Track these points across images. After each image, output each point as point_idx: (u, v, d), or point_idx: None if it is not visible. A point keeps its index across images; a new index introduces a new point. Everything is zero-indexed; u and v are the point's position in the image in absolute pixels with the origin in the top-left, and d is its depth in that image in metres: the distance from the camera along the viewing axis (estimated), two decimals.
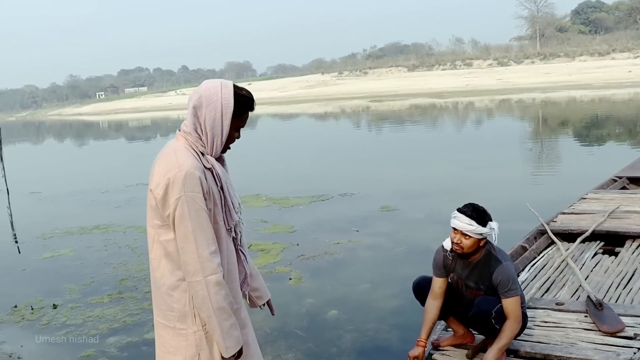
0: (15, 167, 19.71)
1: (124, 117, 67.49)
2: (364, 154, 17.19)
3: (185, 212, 2.19)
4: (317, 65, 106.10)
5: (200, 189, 2.22)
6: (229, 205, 2.39)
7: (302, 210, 9.67)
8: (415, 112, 34.71)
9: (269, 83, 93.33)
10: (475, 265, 3.54)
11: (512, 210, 8.09)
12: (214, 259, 2.23)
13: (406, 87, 59.51)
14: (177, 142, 2.35)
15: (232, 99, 2.29)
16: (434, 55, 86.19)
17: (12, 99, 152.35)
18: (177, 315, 2.33)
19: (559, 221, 6.38)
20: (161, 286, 2.34)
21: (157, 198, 2.24)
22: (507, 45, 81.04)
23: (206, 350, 2.32)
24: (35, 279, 7.23)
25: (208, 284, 2.21)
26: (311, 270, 6.51)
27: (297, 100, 62.88)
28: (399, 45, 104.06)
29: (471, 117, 29.28)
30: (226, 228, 2.38)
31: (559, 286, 4.89)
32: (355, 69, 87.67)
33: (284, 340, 4.76)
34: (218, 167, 2.36)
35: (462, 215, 3.39)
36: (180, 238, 2.22)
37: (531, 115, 27.48)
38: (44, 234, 9.26)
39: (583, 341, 3.80)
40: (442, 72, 72.26)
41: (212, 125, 2.30)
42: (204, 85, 2.33)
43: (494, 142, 17.40)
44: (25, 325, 5.68)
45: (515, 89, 46.10)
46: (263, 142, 24.56)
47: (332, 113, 40.70)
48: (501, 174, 11.65)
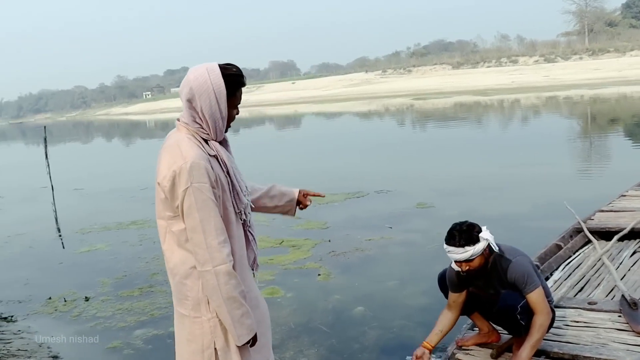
0: (63, 165, 20.31)
1: (170, 116, 68.59)
2: (404, 151, 17.00)
3: (192, 203, 2.19)
4: (361, 64, 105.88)
5: (207, 179, 2.21)
6: (237, 189, 2.38)
7: (337, 207, 9.60)
8: (459, 110, 34.22)
9: (312, 82, 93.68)
10: (488, 273, 3.42)
11: (551, 209, 7.89)
12: (223, 248, 2.22)
13: (450, 85, 58.79)
14: (179, 133, 2.33)
15: (222, 82, 2.25)
16: (479, 52, 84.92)
17: (63, 99, 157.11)
18: (191, 303, 2.33)
19: (596, 219, 6.15)
20: (175, 275, 2.35)
21: (165, 190, 2.24)
22: (554, 41, 79.15)
23: (221, 337, 2.32)
24: (71, 272, 7.38)
25: (217, 274, 2.21)
26: (341, 267, 6.45)
27: (340, 99, 62.87)
28: (443, 42, 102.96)
29: (516, 114, 28.66)
30: (235, 212, 2.37)
31: (593, 285, 4.70)
32: (399, 67, 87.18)
33: (308, 336, 4.71)
34: (223, 153, 2.34)
35: (454, 248, 3.26)
36: (189, 228, 2.23)
37: (578, 112, 26.70)
38: (83, 229, 9.46)
39: (615, 342, 3.62)
40: (487, 69, 71.15)
41: (210, 112, 2.27)
42: (191, 75, 2.27)
43: (539, 140, 16.93)
44: (58, 317, 5.80)
45: (562, 86, 45.00)
46: (305, 140, 24.62)
47: (376, 111, 40.50)
48: (543, 172, 11.32)
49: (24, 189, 15.60)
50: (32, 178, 16.28)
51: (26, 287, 6.91)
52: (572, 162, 13.01)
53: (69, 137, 46.42)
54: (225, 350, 2.33)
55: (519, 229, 7.33)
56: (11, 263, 8.13)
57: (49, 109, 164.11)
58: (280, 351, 4.45)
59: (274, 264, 6.71)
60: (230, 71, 2.29)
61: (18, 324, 5.66)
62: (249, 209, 2.49)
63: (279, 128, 34.75)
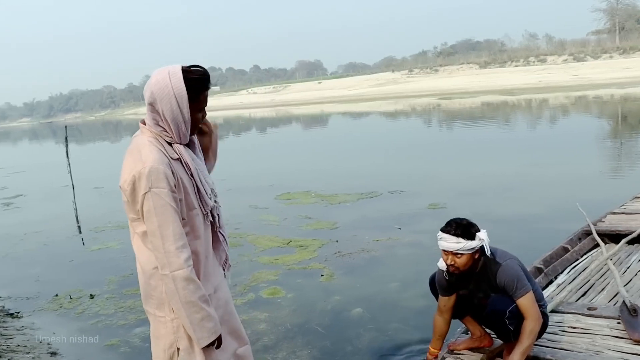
0: (87, 164, 20.60)
1: None
2: (425, 151, 16.83)
3: (151, 208, 2.19)
4: (388, 63, 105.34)
5: (165, 183, 2.19)
6: (202, 192, 2.36)
7: (349, 207, 9.54)
8: (485, 110, 33.81)
9: (339, 81, 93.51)
10: (477, 276, 3.36)
11: (567, 210, 7.69)
12: (180, 254, 2.21)
13: (477, 85, 58.17)
14: (142, 136, 2.32)
15: (183, 86, 2.22)
16: (507, 51, 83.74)
17: (92, 99, 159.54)
18: (155, 302, 2.35)
19: (607, 222, 5.98)
20: (142, 275, 2.37)
21: (126, 194, 2.24)
22: (584, 40, 77.60)
23: (184, 338, 2.32)
24: (81, 270, 7.47)
25: (175, 279, 2.21)
26: (345, 267, 6.39)
27: (366, 99, 62.67)
28: (470, 42, 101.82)
29: (542, 114, 28.20)
30: (202, 213, 2.36)
31: (597, 290, 4.57)
32: (426, 66, 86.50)
33: (303, 337, 4.67)
34: (186, 156, 2.32)
35: (448, 235, 3.22)
36: (149, 232, 2.23)
37: (608, 112, 26.13)
38: (97, 227, 9.56)
39: (610, 349, 3.51)
40: (515, 68, 70.11)
41: (172, 116, 2.25)
42: (153, 78, 2.25)
43: (564, 140, 16.60)
44: (62, 313, 5.87)
45: (591, 85, 44.17)
46: (328, 139, 24.58)
47: (401, 111, 40.24)
48: (565, 172, 11.10)
49: (46, 187, 15.86)
50: (55, 177, 16.52)
51: (36, 283, 7.01)
52: (596, 163, 12.66)
53: (97, 137, 47.08)
54: (189, 351, 2.33)
55: (532, 230, 7.21)
56: (24, 260, 8.25)
57: (79, 109, 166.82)
58: (273, 352, 4.43)
59: (278, 264, 6.68)
60: (193, 74, 2.26)
61: (22, 320, 5.74)
62: (219, 210, 2.48)
63: (304, 128, 34.76)
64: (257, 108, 70.07)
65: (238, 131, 34.12)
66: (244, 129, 38.33)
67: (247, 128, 39.82)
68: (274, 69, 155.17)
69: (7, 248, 9.00)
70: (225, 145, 27.75)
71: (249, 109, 69.01)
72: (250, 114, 58.34)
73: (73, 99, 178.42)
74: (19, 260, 8.26)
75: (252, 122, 46.79)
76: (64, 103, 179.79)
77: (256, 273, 6.41)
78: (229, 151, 23.86)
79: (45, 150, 38.16)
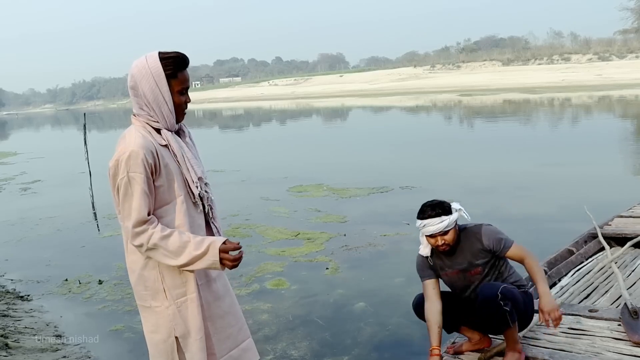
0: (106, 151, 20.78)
1: (217, 106, 69.50)
2: (442, 148, 16.76)
3: (128, 192, 2.21)
4: (410, 58, 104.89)
5: (142, 168, 2.21)
6: (188, 180, 2.37)
7: (359, 201, 9.55)
8: (506, 107, 33.53)
9: (360, 75, 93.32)
10: (459, 248, 3.39)
11: (578, 211, 7.61)
12: (142, 233, 2.20)
13: (499, 82, 57.70)
14: (131, 126, 2.37)
15: (159, 64, 2.29)
16: (530, 49, 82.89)
17: (115, 87, 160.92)
18: (150, 293, 2.36)
19: (613, 224, 5.92)
20: (133, 267, 2.37)
21: (110, 180, 2.27)
22: (610, 39, 76.38)
23: (181, 324, 2.34)
24: (91, 255, 7.57)
25: (150, 247, 2.21)
26: (350, 261, 6.41)
27: (387, 93, 62.49)
28: (494, 38, 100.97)
29: (563, 113, 27.90)
30: (192, 201, 2.37)
31: (600, 293, 4.53)
32: (448, 62, 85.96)
33: (303, 329, 4.70)
34: (173, 142, 2.35)
35: (430, 219, 3.28)
36: (122, 214, 2.25)
37: (631, 113, 25.74)
38: (110, 214, 9.66)
39: (609, 351, 3.48)
40: (538, 66, 69.43)
41: (153, 97, 2.30)
42: (133, 65, 2.34)
43: (584, 140, 16.43)
44: (70, 298, 5.96)
45: (614, 85, 43.57)
46: (347, 133, 24.56)
47: (422, 107, 40.07)
48: (581, 172, 11.01)
49: (64, 173, 16.07)
50: (74, 163, 16.71)
51: (47, 268, 7.13)
52: (613, 164, 12.52)
53: (118, 124, 47.48)
54: (186, 336, 2.35)
55: (540, 230, 7.15)
56: (37, 244, 8.39)
57: (101, 96, 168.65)
58: (273, 342, 4.46)
59: (285, 255, 6.72)
60: (169, 54, 2.33)
61: (32, 303, 5.85)
62: (211, 201, 2.48)
63: (324, 121, 34.76)
64: (277, 100, 70.27)
65: (258, 122, 34.19)
66: (264, 121, 38.45)
67: (267, 119, 39.95)
68: (296, 61, 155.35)
69: (23, 232, 9.16)
70: (244, 137, 27.87)
71: (269, 101, 69.18)
72: (271, 106, 58.51)
73: (95, 87, 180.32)
74: (32, 245, 8.40)
75: (272, 113, 46.92)
76: (87, 90, 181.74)
77: (263, 264, 6.45)
78: (246, 143, 23.97)
79: (66, 136, 38.64)
